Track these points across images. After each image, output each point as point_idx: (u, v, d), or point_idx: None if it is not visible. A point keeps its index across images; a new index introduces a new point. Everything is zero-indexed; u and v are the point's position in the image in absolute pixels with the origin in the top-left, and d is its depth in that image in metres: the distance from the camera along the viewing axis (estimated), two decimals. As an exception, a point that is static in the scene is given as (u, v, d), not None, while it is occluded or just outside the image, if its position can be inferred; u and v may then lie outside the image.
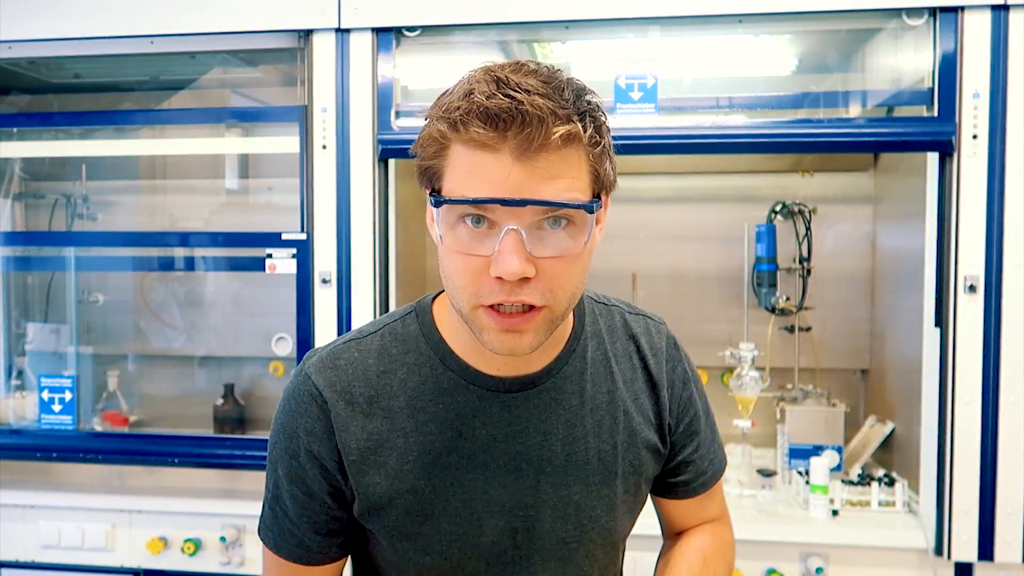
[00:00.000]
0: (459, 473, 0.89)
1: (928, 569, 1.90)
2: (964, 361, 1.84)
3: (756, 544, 1.97)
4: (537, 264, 0.76)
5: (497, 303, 0.78)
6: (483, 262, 0.77)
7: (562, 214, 0.77)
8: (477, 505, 0.89)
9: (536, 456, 0.90)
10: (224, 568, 2.17)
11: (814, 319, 2.53)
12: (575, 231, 0.78)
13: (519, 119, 0.73)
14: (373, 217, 2.03)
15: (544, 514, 0.91)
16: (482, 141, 0.74)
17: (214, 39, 2.14)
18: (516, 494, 0.90)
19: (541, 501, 0.91)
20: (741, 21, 1.97)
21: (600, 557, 0.96)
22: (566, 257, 0.78)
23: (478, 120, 0.74)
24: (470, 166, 0.76)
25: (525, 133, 0.73)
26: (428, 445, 0.89)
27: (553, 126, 0.73)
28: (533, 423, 0.90)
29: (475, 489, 0.89)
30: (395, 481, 0.88)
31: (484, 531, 0.90)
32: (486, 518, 0.90)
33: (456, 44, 2.14)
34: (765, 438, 2.53)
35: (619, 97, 1.98)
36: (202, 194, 2.73)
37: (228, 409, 2.49)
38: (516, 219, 0.75)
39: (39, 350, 2.60)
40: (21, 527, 2.25)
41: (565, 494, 0.91)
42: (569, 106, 0.76)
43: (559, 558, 0.93)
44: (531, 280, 0.76)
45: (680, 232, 2.69)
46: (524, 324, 0.78)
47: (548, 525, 0.91)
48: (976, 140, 1.83)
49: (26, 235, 2.72)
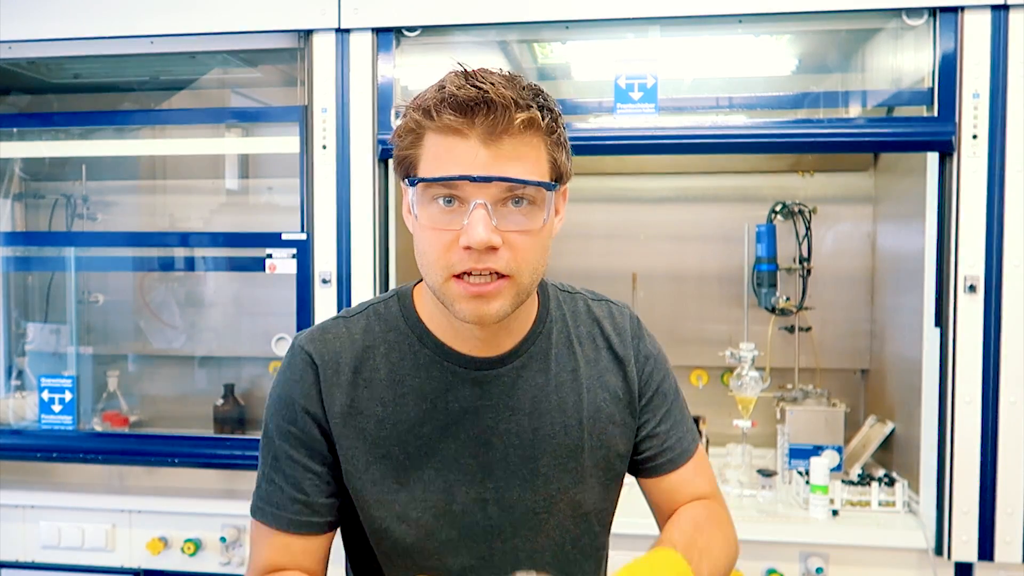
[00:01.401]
0: (432, 442, 0.96)
1: (928, 569, 1.90)
2: (964, 361, 1.84)
3: (756, 544, 1.97)
4: (502, 236, 0.86)
5: (466, 271, 0.86)
6: (453, 236, 0.86)
7: (523, 194, 0.86)
8: (450, 474, 0.96)
9: (504, 430, 0.98)
10: (224, 568, 2.17)
11: (814, 319, 2.53)
12: (535, 210, 0.88)
13: (485, 106, 0.83)
14: (373, 217, 2.03)
15: (513, 484, 0.98)
16: (453, 127, 0.84)
17: (214, 39, 2.14)
18: (486, 465, 0.97)
19: (510, 472, 0.98)
20: (741, 21, 1.97)
21: (571, 529, 1.01)
22: (528, 232, 0.87)
23: (449, 108, 0.84)
24: (442, 151, 0.85)
25: (491, 118, 0.83)
26: (404, 415, 0.96)
27: (515, 112, 0.83)
28: (502, 399, 0.98)
29: (447, 459, 0.96)
30: (373, 446, 0.96)
31: (456, 499, 0.96)
32: (457, 487, 0.97)
33: (456, 44, 2.14)
34: (765, 438, 2.53)
35: (619, 97, 1.98)
36: (202, 194, 2.73)
37: (228, 409, 2.49)
38: (483, 194, 0.85)
39: (39, 350, 2.60)
40: (21, 527, 2.25)
41: (533, 467, 0.98)
42: (528, 97, 0.86)
43: (529, 527, 0.99)
44: (497, 250, 0.85)
45: (680, 232, 2.69)
46: (491, 291, 0.87)
47: (517, 495, 0.98)
48: (976, 140, 1.83)
49: (26, 235, 2.72)
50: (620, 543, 2.03)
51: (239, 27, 2.08)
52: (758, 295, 2.48)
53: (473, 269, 0.86)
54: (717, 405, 2.61)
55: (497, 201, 0.86)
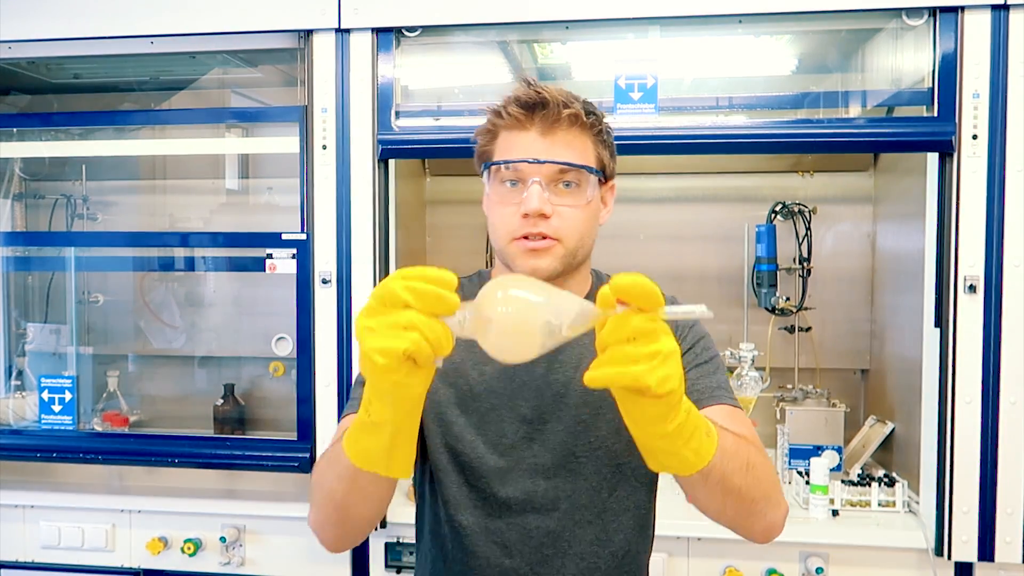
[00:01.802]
0: (493, 383, 1.13)
1: (928, 569, 1.90)
2: (964, 361, 1.84)
3: (756, 544, 1.96)
4: (552, 208, 1.06)
5: (523, 235, 1.07)
6: (516, 208, 1.07)
7: (571, 177, 1.07)
8: (504, 411, 1.12)
9: (554, 380, 1.13)
10: (224, 568, 2.17)
11: (814, 319, 2.53)
12: (579, 190, 1.09)
13: (541, 104, 1.05)
14: (373, 217, 2.03)
15: (558, 429, 1.12)
16: (518, 120, 1.07)
17: (214, 39, 2.14)
18: (537, 409, 1.12)
19: (556, 418, 1.12)
20: (741, 21, 1.97)
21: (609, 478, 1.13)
22: (573, 207, 1.08)
23: (516, 105, 1.07)
24: (509, 143, 1.08)
25: (544, 113, 1.05)
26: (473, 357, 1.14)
27: (563, 109, 1.05)
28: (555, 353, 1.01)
29: (504, 399, 1.13)
30: (444, 375, 1.13)
31: (507, 434, 1.12)
32: (509, 423, 1.12)
33: (456, 44, 2.14)
34: (765, 438, 2.51)
35: (619, 97, 1.98)
36: (202, 194, 2.73)
37: (228, 409, 2.49)
38: (538, 174, 1.06)
39: (39, 350, 2.60)
40: (21, 527, 2.25)
41: (577, 414, 1.12)
42: (576, 101, 1.08)
43: (569, 469, 1.12)
44: (548, 218, 1.06)
45: (680, 232, 2.69)
46: (542, 247, 1.07)
47: (560, 439, 1.11)
48: (976, 140, 1.83)
49: (26, 235, 2.72)
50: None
51: (239, 27, 2.08)
52: (758, 295, 2.48)
53: (529, 233, 1.06)
54: (717, 405, 2.61)
55: (550, 181, 1.07)
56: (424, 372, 0.76)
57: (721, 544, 1.98)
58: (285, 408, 2.41)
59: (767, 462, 1.02)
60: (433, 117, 2.13)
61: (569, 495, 1.11)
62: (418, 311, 0.72)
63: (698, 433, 0.82)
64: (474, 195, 1.23)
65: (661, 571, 1.98)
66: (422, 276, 0.74)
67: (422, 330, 0.72)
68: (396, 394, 0.78)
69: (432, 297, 0.72)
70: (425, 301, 0.72)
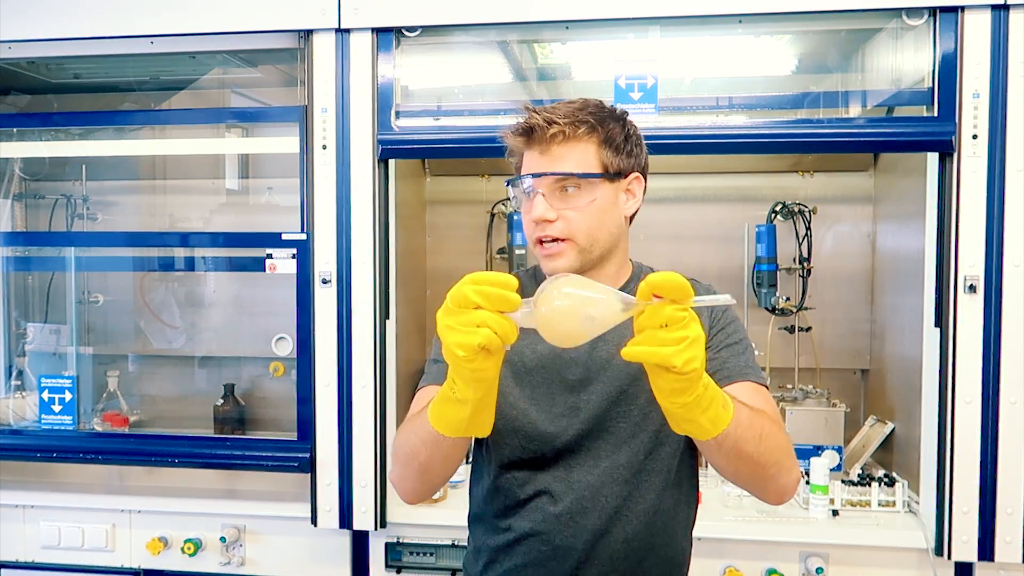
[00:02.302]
0: (543, 359, 1.26)
1: (928, 569, 1.90)
2: (964, 361, 1.84)
3: (756, 544, 1.97)
4: (559, 213, 1.20)
5: (538, 239, 1.22)
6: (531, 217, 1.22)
7: (569, 183, 1.21)
8: (553, 384, 1.26)
9: (597, 356, 1.25)
10: (224, 568, 2.17)
11: (814, 319, 2.53)
12: (581, 193, 1.21)
13: (531, 129, 1.21)
14: (373, 217, 2.03)
15: (601, 399, 1.24)
16: (522, 146, 1.24)
17: (214, 39, 2.14)
18: (582, 381, 1.25)
19: (599, 390, 1.25)
20: (741, 21, 1.97)
21: (647, 443, 1.24)
22: (576, 208, 1.21)
23: (513, 135, 1.24)
24: (524, 162, 1.25)
25: (537, 135, 1.21)
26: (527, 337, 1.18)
27: (550, 130, 1.19)
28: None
29: (552, 373, 1.26)
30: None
31: (556, 403, 1.25)
32: (558, 394, 1.25)
33: (456, 44, 2.14)
34: (765, 438, 2.52)
35: (619, 97, 1.98)
36: (202, 194, 2.73)
37: (228, 409, 2.49)
38: (540, 185, 1.21)
39: (39, 350, 2.60)
40: (21, 527, 2.25)
41: (618, 386, 1.24)
42: (563, 118, 1.20)
43: (611, 436, 1.24)
44: (553, 222, 1.20)
45: (680, 232, 2.69)
46: (555, 251, 1.21)
47: (603, 408, 1.24)
48: (976, 140, 1.83)
49: (26, 235, 2.72)
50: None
51: (239, 27, 2.08)
52: (758, 295, 2.48)
53: (542, 237, 1.21)
54: (717, 405, 2.61)
55: (552, 189, 1.20)
56: (496, 358, 0.93)
57: (721, 544, 1.98)
58: (285, 408, 2.41)
59: (782, 433, 1.14)
60: (433, 117, 2.13)
61: (610, 455, 1.24)
62: (488, 310, 0.89)
63: (715, 405, 0.96)
64: (474, 195, 1.29)
65: (661, 571, 1.98)
66: (488, 281, 0.90)
67: (492, 326, 0.88)
68: (475, 377, 0.95)
69: (498, 298, 0.89)
70: (492, 301, 0.89)
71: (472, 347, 0.88)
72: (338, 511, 2.06)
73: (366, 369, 2.04)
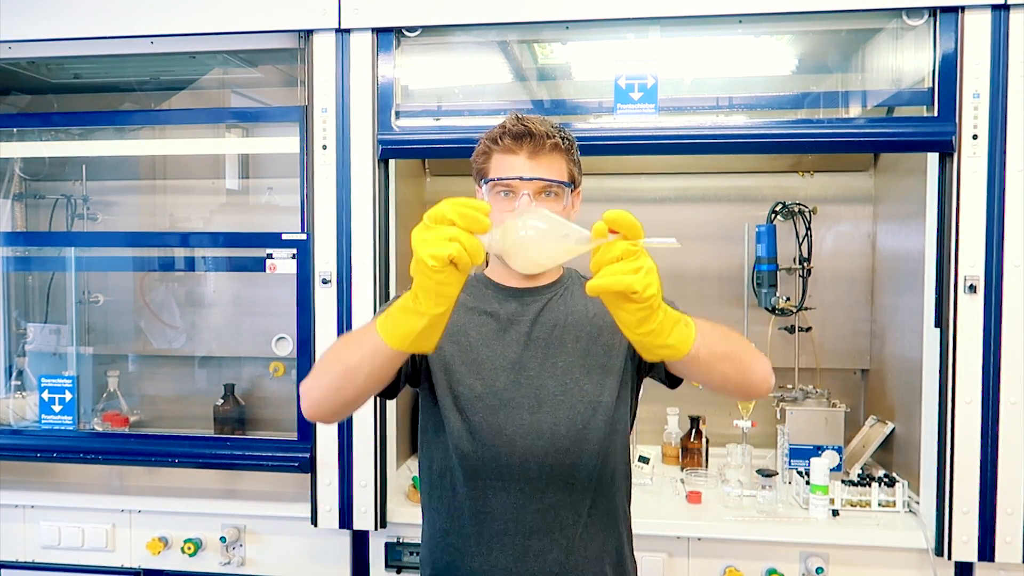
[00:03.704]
0: (488, 338, 1.39)
1: (928, 569, 1.90)
2: (964, 361, 1.84)
3: (756, 544, 1.97)
4: None
5: None
6: (508, 214, 1.19)
7: (551, 189, 1.35)
8: (497, 360, 1.38)
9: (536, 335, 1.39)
10: (224, 568, 2.17)
11: (814, 319, 2.53)
12: (558, 200, 1.37)
13: (529, 136, 1.35)
14: (373, 217, 2.03)
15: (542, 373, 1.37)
16: (510, 148, 1.36)
17: (214, 39, 2.14)
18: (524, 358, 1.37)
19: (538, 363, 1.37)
20: (741, 21, 1.97)
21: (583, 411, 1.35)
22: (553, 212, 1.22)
23: (508, 137, 1.36)
24: (503, 164, 1.37)
25: (532, 143, 1.35)
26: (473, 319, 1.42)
27: (547, 140, 1.35)
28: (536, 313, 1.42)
29: (497, 351, 1.38)
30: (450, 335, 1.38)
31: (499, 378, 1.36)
32: (501, 370, 1.37)
33: (456, 44, 2.14)
34: (765, 438, 2.53)
35: (619, 97, 1.98)
36: (202, 194, 2.73)
37: (228, 409, 2.49)
38: (527, 188, 1.33)
39: (39, 350, 2.60)
40: (21, 527, 2.25)
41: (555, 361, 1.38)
42: (556, 132, 1.37)
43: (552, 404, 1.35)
44: None
45: (680, 232, 2.63)
46: None
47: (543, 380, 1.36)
48: (976, 140, 1.83)
49: (26, 235, 2.72)
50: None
51: (239, 27, 2.08)
52: (758, 295, 2.48)
53: None
54: (717, 405, 2.61)
55: (535, 192, 1.34)
56: (461, 275, 1.00)
57: (721, 544, 1.98)
58: (285, 408, 2.41)
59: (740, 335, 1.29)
60: (433, 117, 2.13)
61: (551, 426, 1.35)
62: (461, 228, 0.97)
63: (677, 327, 1.07)
64: (473, 195, 1.31)
65: (661, 571, 1.98)
66: (465, 203, 0.98)
67: (463, 241, 0.96)
68: (439, 291, 1.01)
69: (471, 218, 0.97)
70: (466, 221, 0.97)
71: (442, 258, 0.95)
72: (338, 511, 2.06)
73: (366, 369, 2.03)
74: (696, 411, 2.51)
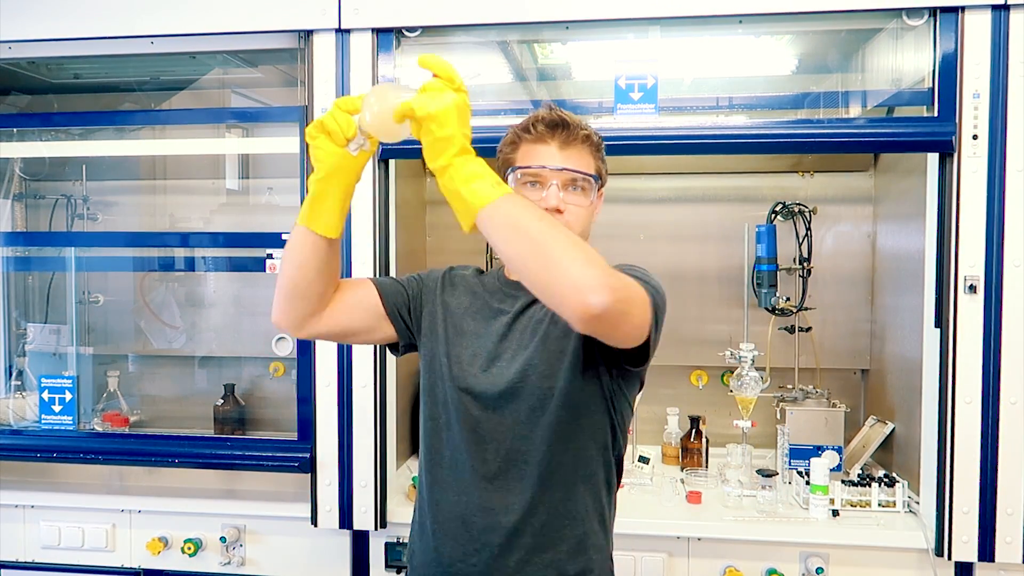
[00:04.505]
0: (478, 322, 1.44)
1: (928, 569, 1.90)
2: (964, 361, 1.84)
3: (756, 544, 1.97)
4: (565, 206, 1.33)
5: None
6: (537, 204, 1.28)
7: (579, 182, 1.36)
8: (478, 340, 1.42)
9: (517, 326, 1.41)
10: (224, 568, 2.17)
11: (814, 319, 2.53)
12: (585, 194, 1.37)
13: (563, 125, 1.36)
14: (373, 217, 2.03)
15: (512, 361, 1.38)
16: (542, 137, 1.36)
17: (214, 39, 2.14)
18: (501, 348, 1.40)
19: (511, 352, 1.39)
20: (741, 21, 1.97)
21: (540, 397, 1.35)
22: (580, 206, 1.36)
23: (543, 124, 1.36)
24: (532, 153, 1.36)
25: (565, 133, 1.35)
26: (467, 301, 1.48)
27: (579, 131, 1.36)
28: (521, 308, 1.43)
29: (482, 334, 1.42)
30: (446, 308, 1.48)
31: (477, 362, 1.40)
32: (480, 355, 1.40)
33: (456, 44, 2.14)
34: (765, 438, 2.53)
35: (619, 97, 1.98)
36: (202, 194, 2.73)
37: (228, 409, 2.49)
38: (557, 178, 1.34)
39: (39, 350, 2.60)
40: (21, 527, 2.25)
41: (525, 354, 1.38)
42: (587, 125, 1.38)
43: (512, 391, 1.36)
44: (561, 213, 1.33)
45: (680, 232, 2.69)
46: None
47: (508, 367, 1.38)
48: (976, 140, 1.83)
49: (26, 235, 2.72)
50: (621, 543, 2.02)
51: (239, 27, 2.08)
52: (758, 295, 2.48)
53: None
54: (717, 405, 2.61)
55: (564, 184, 1.35)
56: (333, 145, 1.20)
57: (721, 544, 1.98)
58: (285, 408, 2.41)
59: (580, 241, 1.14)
60: (433, 117, 2.12)
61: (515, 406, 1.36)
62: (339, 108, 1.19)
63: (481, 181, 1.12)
64: None
65: (661, 571, 1.98)
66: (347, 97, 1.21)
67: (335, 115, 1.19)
68: (316, 155, 1.21)
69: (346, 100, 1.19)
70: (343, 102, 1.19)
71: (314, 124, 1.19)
72: (338, 511, 2.06)
73: (366, 369, 2.04)
74: (696, 411, 2.51)
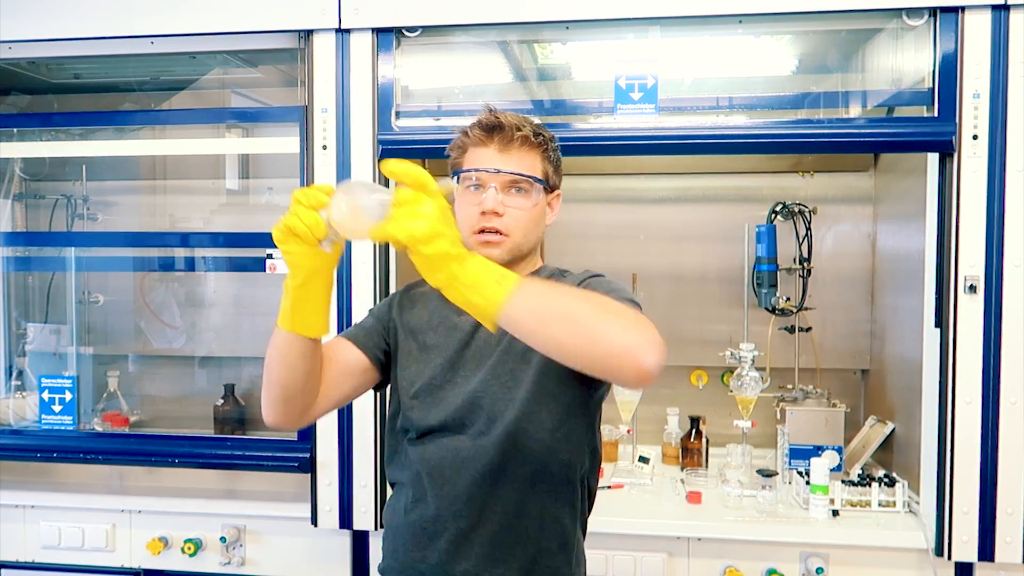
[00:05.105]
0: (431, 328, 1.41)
1: (928, 569, 1.90)
2: (964, 361, 1.84)
3: (756, 544, 1.97)
4: (505, 209, 1.34)
5: (481, 228, 1.34)
6: (477, 208, 1.35)
7: (520, 184, 1.35)
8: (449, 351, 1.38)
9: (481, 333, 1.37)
10: (224, 568, 2.17)
11: (814, 319, 2.53)
12: (526, 196, 1.36)
13: (499, 127, 1.35)
14: (373, 217, 2.03)
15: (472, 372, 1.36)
16: (481, 140, 1.36)
17: (214, 39, 2.13)
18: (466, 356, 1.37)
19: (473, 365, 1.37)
20: (741, 21, 1.97)
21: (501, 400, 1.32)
22: (520, 208, 1.35)
23: (478, 128, 1.37)
24: (474, 157, 1.37)
25: (501, 135, 1.35)
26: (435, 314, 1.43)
27: (516, 133, 1.34)
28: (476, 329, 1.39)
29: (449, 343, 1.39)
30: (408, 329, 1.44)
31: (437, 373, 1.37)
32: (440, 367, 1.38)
33: (456, 44, 2.14)
34: (765, 438, 2.53)
35: (619, 97, 1.98)
36: (202, 194, 2.73)
37: (228, 409, 2.49)
38: (495, 181, 1.34)
39: (39, 350, 2.60)
40: (21, 527, 2.25)
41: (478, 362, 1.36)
42: (527, 127, 1.36)
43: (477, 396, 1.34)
44: (500, 216, 1.33)
45: (680, 232, 2.69)
46: (494, 240, 1.34)
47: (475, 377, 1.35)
48: (976, 140, 1.83)
49: (26, 235, 2.72)
50: (610, 542, 2.02)
51: (239, 27, 2.08)
52: (758, 295, 2.48)
53: (485, 227, 1.33)
54: (717, 405, 2.61)
55: (503, 187, 1.34)
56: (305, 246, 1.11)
57: (721, 544, 1.98)
58: (285, 408, 2.40)
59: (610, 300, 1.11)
60: (433, 117, 2.13)
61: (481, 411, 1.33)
62: (303, 206, 1.09)
63: (483, 283, 1.04)
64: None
65: (661, 571, 1.98)
66: (312, 187, 1.11)
67: (300, 215, 1.09)
68: (290, 261, 1.14)
69: (311, 195, 1.09)
70: (307, 198, 1.09)
71: (281, 228, 1.10)
72: (338, 511, 2.06)
73: (366, 369, 2.03)
74: (696, 411, 2.51)
